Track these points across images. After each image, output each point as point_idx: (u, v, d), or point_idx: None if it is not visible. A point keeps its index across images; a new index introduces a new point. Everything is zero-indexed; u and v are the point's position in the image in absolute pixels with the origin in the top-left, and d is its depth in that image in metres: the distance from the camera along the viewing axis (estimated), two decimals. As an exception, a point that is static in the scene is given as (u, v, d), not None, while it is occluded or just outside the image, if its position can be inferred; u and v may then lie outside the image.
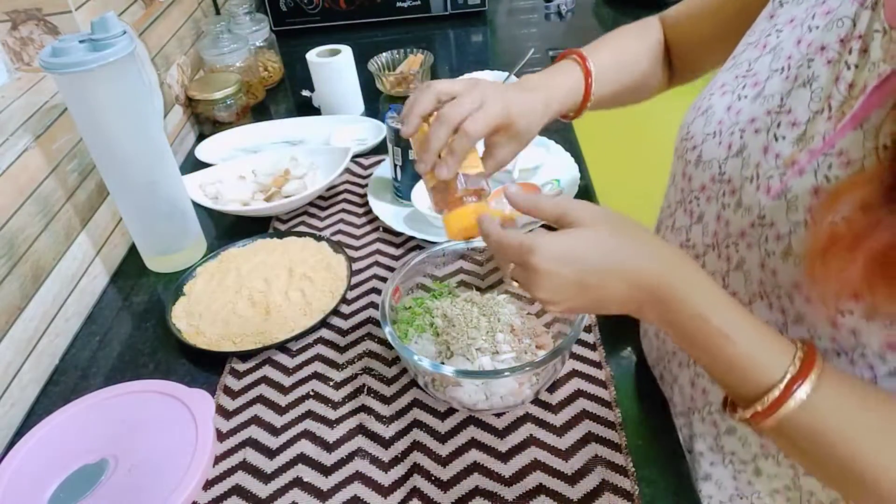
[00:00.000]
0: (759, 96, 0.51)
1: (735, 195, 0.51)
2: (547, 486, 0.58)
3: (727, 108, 0.54)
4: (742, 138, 0.51)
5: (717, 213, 0.53)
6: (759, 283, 0.49)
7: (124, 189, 0.81)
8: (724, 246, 0.53)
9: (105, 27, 0.70)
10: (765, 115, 0.50)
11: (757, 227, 0.49)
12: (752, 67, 0.54)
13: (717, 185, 0.53)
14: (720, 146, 0.53)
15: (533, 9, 1.57)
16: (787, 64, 0.50)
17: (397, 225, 0.88)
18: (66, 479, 0.60)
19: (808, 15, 0.51)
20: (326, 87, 1.15)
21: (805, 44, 0.49)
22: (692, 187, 0.56)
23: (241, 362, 0.73)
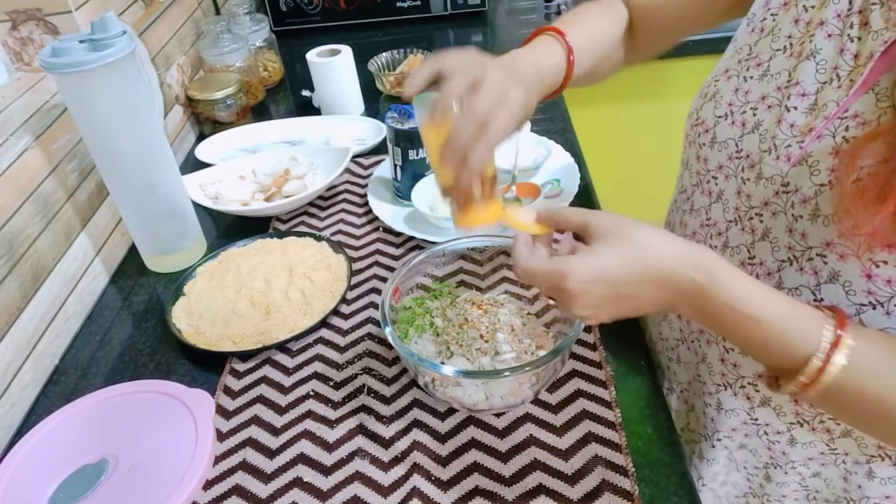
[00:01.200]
0: (765, 75, 0.54)
1: (755, 168, 0.53)
2: (547, 486, 0.58)
3: (734, 90, 0.56)
4: (755, 115, 0.53)
5: (736, 189, 0.55)
6: (787, 248, 0.51)
7: (124, 189, 0.81)
8: (747, 219, 0.55)
9: (105, 27, 0.70)
10: (775, 92, 0.52)
11: (781, 194, 0.51)
12: (753, 51, 0.56)
13: (734, 162, 0.55)
14: (733, 125, 0.55)
15: (533, 9, 1.57)
16: (789, 42, 0.53)
17: (397, 225, 0.88)
18: (66, 479, 0.60)
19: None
20: (326, 87, 1.16)
21: (803, 22, 0.52)
22: (708, 168, 0.58)
23: (241, 362, 0.73)
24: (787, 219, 0.51)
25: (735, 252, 0.57)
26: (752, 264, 0.55)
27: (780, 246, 0.52)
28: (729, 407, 0.63)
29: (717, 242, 0.59)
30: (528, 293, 0.73)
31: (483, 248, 0.73)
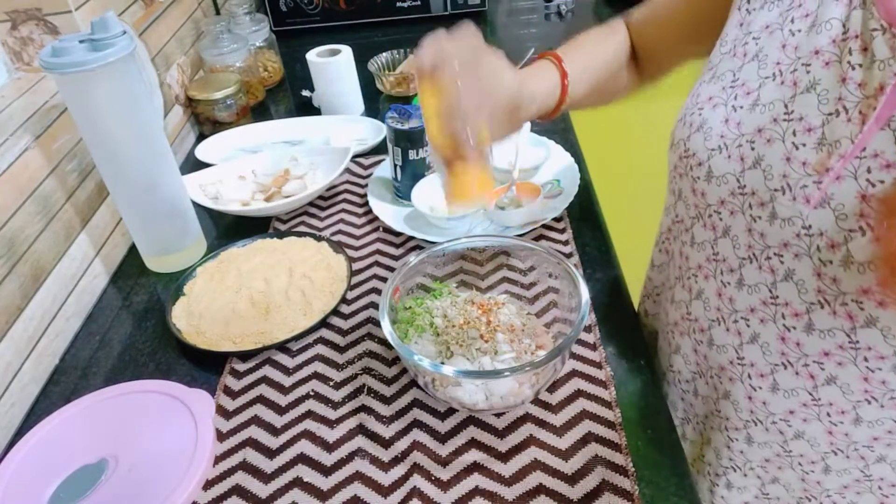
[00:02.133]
0: (756, 105, 0.51)
1: (766, 207, 0.50)
2: (547, 486, 0.58)
3: (724, 120, 0.53)
4: (754, 149, 0.51)
5: (746, 226, 0.53)
6: (816, 291, 0.49)
7: (124, 189, 0.81)
8: (764, 258, 0.52)
9: (105, 27, 0.70)
10: (772, 124, 0.50)
11: (803, 237, 0.48)
12: (738, 77, 0.54)
13: (738, 198, 0.53)
14: (730, 160, 0.52)
15: (533, 9, 1.57)
16: (778, 70, 0.50)
17: (397, 225, 0.88)
18: (66, 479, 0.60)
19: (784, 19, 0.51)
20: (326, 87, 1.15)
21: (791, 48, 0.50)
22: (708, 202, 0.56)
23: (241, 362, 0.73)
24: (813, 262, 0.48)
25: (754, 290, 0.54)
26: (776, 304, 0.53)
27: (808, 288, 0.49)
28: (760, 440, 0.61)
29: (730, 279, 0.56)
30: (528, 293, 0.73)
31: (483, 249, 0.73)
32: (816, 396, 0.54)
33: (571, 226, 0.87)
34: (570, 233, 0.86)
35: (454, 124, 0.54)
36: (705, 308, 0.60)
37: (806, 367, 0.53)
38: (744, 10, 0.55)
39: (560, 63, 0.66)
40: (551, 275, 0.69)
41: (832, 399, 0.53)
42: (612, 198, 1.18)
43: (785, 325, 0.52)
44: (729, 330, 0.58)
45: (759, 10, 0.54)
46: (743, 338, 0.57)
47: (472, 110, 0.54)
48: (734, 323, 0.57)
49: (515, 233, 0.84)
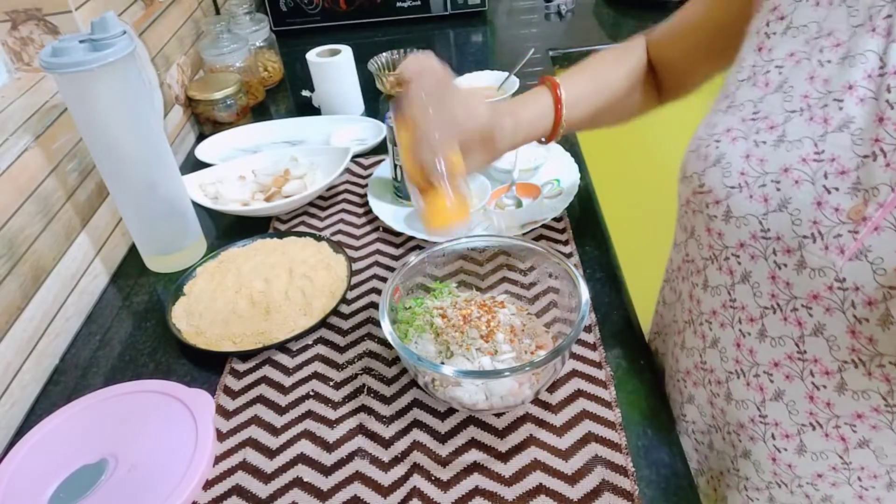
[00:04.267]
0: (781, 141, 0.47)
1: (793, 255, 0.46)
2: (547, 486, 0.58)
3: (745, 156, 0.49)
4: (779, 190, 0.47)
5: (770, 273, 0.49)
6: (850, 350, 0.45)
7: (124, 189, 0.81)
8: (789, 309, 0.48)
9: (105, 27, 0.70)
10: (800, 164, 0.46)
11: (836, 290, 0.44)
12: (759, 109, 0.50)
13: (760, 242, 0.49)
14: (752, 200, 0.48)
15: (533, 9, 1.57)
16: (806, 104, 0.47)
17: (397, 225, 0.88)
18: (66, 479, 0.60)
19: (812, 49, 0.48)
20: (326, 87, 1.16)
21: (820, 80, 0.46)
22: (725, 244, 0.52)
23: (241, 362, 0.73)
24: (846, 319, 0.44)
25: (778, 343, 0.50)
26: (803, 360, 0.49)
27: (841, 346, 0.46)
28: (784, 501, 0.58)
29: (750, 329, 0.52)
30: (528, 293, 0.73)
31: (483, 249, 0.73)
32: (847, 460, 0.50)
33: (571, 226, 0.87)
34: (570, 233, 0.86)
35: (422, 154, 0.57)
36: (722, 359, 0.56)
37: (837, 428, 0.49)
38: (762, 35, 0.52)
39: (555, 89, 0.67)
40: (551, 275, 0.69)
41: (864, 463, 0.50)
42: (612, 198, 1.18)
43: (814, 384, 0.49)
44: (750, 384, 0.54)
45: (781, 36, 0.50)
46: (766, 394, 0.53)
47: (438, 140, 0.56)
48: (755, 377, 0.53)
49: (515, 233, 0.84)
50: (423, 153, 0.57)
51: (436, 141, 0.57)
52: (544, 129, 0.68)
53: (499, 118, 0.63)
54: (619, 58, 0.73)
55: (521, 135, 0.66)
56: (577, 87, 0.68)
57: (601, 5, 1.56)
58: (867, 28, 0.44)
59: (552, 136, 0.69)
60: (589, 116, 0.70)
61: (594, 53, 0.73)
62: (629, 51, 0.73)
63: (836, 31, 0.46)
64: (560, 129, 0.68)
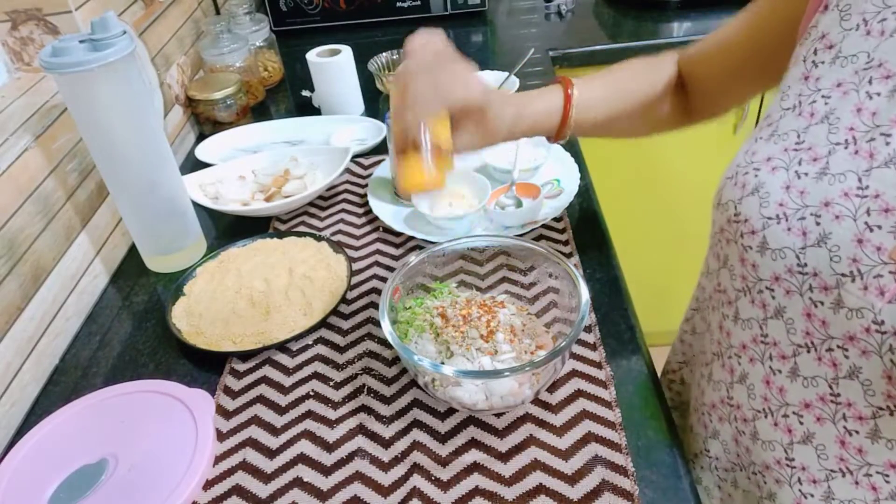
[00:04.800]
0: (824, 174, 0.46)
1: (830, 293, 0.44)
2: (547, 486, 0.58)
3: (785, 187, 0.47)
4: (819, 224, 0.45)
5: (804, 310, 0.47)
6: (886, 396, 0.44)
7: (124, 189, 0.81)
8: (824, 349, 0.46)
9: (105, 27, 0.70)
10: (842, 198, 0.44)
11: (874, 333, 0.42)
12: (803, 139, 0.48)
13: (796, 277, 0.47)
14: (790, 233, 0.46)
15: (533, 9, 1.57)
16: (852, 136, 0.45)
17: (397, 225, 0.88)
18: (66, 479, 0.60)
19: (861, 79, 0.46)
20: (326, 87, 1.16)
21: (868, 113, 0.45)
22: (759, 276, 0.50)
23: (241, 362, 0.73)
24: (883, 363, 0.42)
25: (811, 384, 0.48)
26: (836, 402, 0.47)
27: (876, 391, 0.44)
28: None
29: (780, 366, 0.50)
30: (528, 293, 0.73)
31: (483, 249, 0.73)
32: None
33: (571, 226, 0.87)
34: (570, 233, 0.86)
35: (405, 114, 0.58)
36: (750, 396, 0.55)
37: (868, 477, 0.47)
38: (809, 63, 0.50)
39: (567, 88, 0.66)
40: (551, 275, 0.69)
41: None
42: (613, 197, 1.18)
43: (846, 428, 0.47)
44: (778, 425, 0.52)
45: (830, 66, 0.48)
46: (794, 436, 0.51)
47: (423, 102, 0.57)
48: (784, 418, 0.51)
49: (515, 233, 0.84)
50: (406, 114, 0.57)
51: (421, 103, 0.57)
52: (550, 126, 0.67)
53: (499, 103, 0.62)
54: (645, 70, 0.71)
55: (522, 126, 0.66)
56: (592, 90, 0.67)
57: (601, 5, 1.56)
58: None
59: (559, 136, 0.69)
60: (601, 122, 0.69)
61: (622, 62, 0.72)
62: (657, 64, 0.72)
63: (886, 62, 0.45)
64: (567, 128, 0.67)
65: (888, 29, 0.45)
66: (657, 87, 0.70)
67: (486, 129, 0.62)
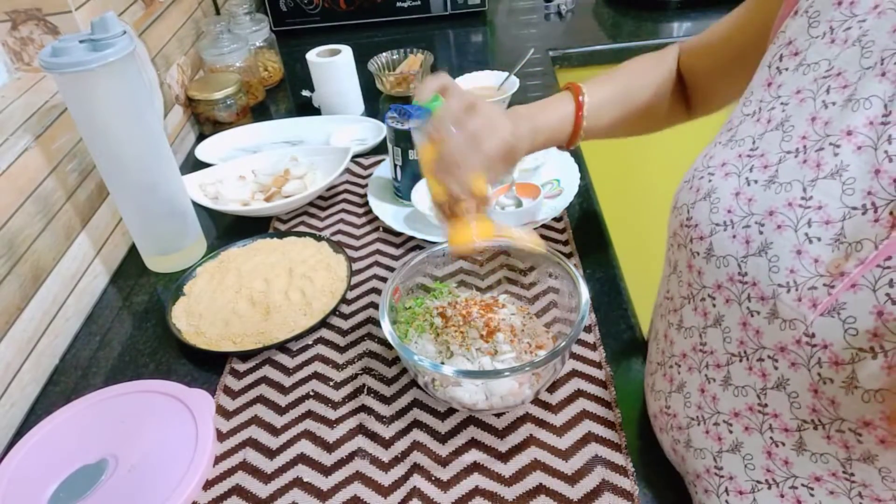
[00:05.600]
0: (772, 182, 0.45)
1: (766, 303, 0.44)
2: (547, 486, 0.58)
3: (735, 193, 0.47)
4: (762, 233, 0.44)
5: (741, 319, 0.46)
6: (811, 409, 0.43)
7: (124, 189, 0.81)
8: (755, 359, 0.46)
9: (105, 27, 0.70)
10: (786, 208, 0.43)
11: (804, 345, 0.41)
12: (758, 146, 0.48)
13: (737, 286, 0.46)
14: (735, 240, 0.46)
15: (533, 9, 1.57)
16: (803, 145, 0.44)
17: (397, 225, 0.88)
18: (66, 479, 0.60)
19: (819, 88, 0.45)
20: (326, 87, 1.16)
21: (821, 123, 0.44)
22: (703, 283, 0.49)
23: (241, 362, 0.73)
24: (810, 376, 0.42)
25: (741, 393, 0.48)
26: (763, 413, 0.46)
27: (802, 404, 0.43)
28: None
29: (715, 375, 0.50)
30: (528, 293, 0.73)
31: (483, 249, 0.73)
32: None
33: (571, 226, 0.87)
34: (570, 233, 0.86)
35: (449, 185, 0.58)
36: (686, 404, 0.54)
37: (793, 489, 0.46)
38: (773, 69, 0.49)
39: (577, 95, 0.67)
40: (551, 275, 0.69)
41: None
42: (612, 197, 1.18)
43: (773, 439, 0.46)
44: (709, 433, 0.52)
45: (793, 73, 0.47)
46: (723, 444, 0.50)
47: (465, 169, 0.57)
48: (715, 426, 0.51)
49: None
50: (450, 184, 0.58)
51: (463, 171, 0.57)
52: (564, 135, 0.68)
53: (518, 126, 0.63)
54: (650, 66, 0.72)
55: (539, 140, 0.67)
56: (601, 93, 0.68)
57: (601, 5, 1.56)
58: (877, 71, 0.42)
59: (571, 143, 0.69)
60: (612, 124, 0.69)
61: (628, 60, 0.72)
62: (660, 59, 0.72)
63: (845, 71, 0.44)
64: (580, 135, 0.68)
65: (851, 38, 0.44)
66: (661, 84, 0.71)
67: (511, 156, 0.64)
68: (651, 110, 0.72)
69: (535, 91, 1.22)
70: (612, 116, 0.69)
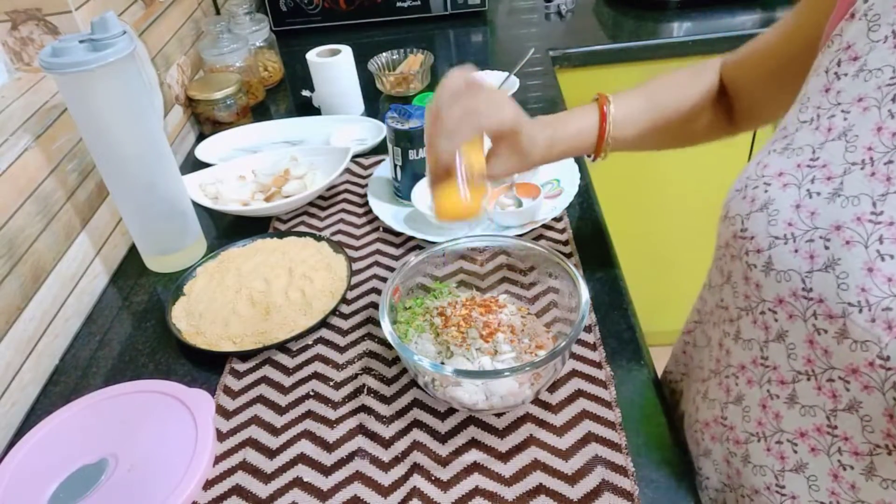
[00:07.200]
0: (837, 195, 0.43)
1: (835, 322, 0.42)
2: (547, 486, 0.58)
3: (795, 205, 0.45)
4: (828, 248, 0.43)
5: (807, 337, 0.45)
6: (885, 434, 0.42)
7: (124, 189, 0.81)
8: (825, 379, 0.44)
9: (105, 27, 0.70)
10: (854, 223, 0.42)
11: (878, 368, 0.40)
12: (818, 156, 0.46)
13: (801, 301, 0.45)
14: (797, 255, 0.44)
15: (533, 9, 1.57)
16: (869, 157, 0.43)
17: (397, 225, 0.88)
18: (66, 479, 0.60)
19: (883, 96, 0.43)
20: (326, 87, 1.16)
21: (888, 133, 0.42)
22: (763, 297, 0.48)
23: (241, 362, 0.73)
24: (885, 400, 0.40)
25: (808, 412, 0.46)
26: (833, 435, 0.45)
27: (875, 428, 0.42)
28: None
29: (779, 392, 0.48)
30: (528, 293, 0.73)
31: (483, 248, 0.73)
32: None
33: (571, 226, 0.87)
34: (570, 233, 0.86)
35: (438, 142, 0.58)
36: (744, 418, 0.53)
37: None
38: (832, 75, 0.47)
39: (602, 105, 0.66)
40: (551, 275, 0.69)
41: None
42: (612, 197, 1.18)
43: (841, 462, 0.45)
44: (770, 450, 0.50)
45: (853, 79, 0.46)
46: (786, 463, 0.49)
47: (457, 129, 0.57)
48: (777, 444, 0.50)
49: (515, 233, 0.84)
50: (440, 142, 0.58)
51: (454, 130, 0.57)
52: (587, 146, 0.67)
53: (532, 126, 0.63)
54: (686, 80, 0.70)
55: (558, 149, 0.66)
56: (629, 105, 0.67)
57: (601, 5, 1.56)
58: None
59: (598, 153, 0.68)
60: (640, 136, 0.68)
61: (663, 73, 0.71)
62: (700, 73, 0.70)
63: None
64: (605, 146, 0.67)
65: None
66: (700, 98, 0.69)
67: (520, 153, 0.63)
68: (686, 124, 0.70)
69: (535, 91, 1.22)
70: (641, 129, 0.68)
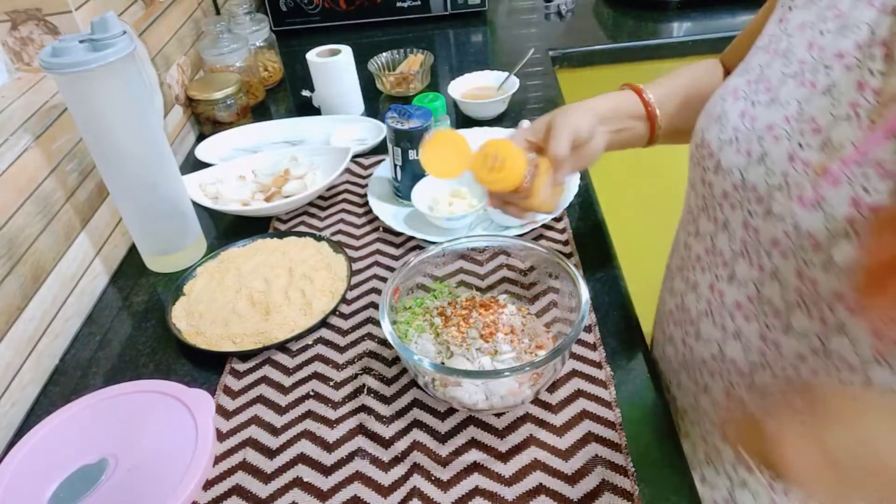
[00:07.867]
0: (773, 102, 0.51)
1: (762, 203, 0.50)
2: (547, 486, 0.58)
3: (741, 113, 0.54)
4: (762, 146, 0.50)
5: (743, 221, 0.53)
6: (796, 291, 0.49)
7: (124, 189, 0.81)
8: (754, 254, 0.52)
9: (105, 27, 0.70)
10: (783, 122, 0.49)
11: (792, 236, 0.48)
12: (764, 73, 0.54)
13: (739, 192, 0.53)
14: (738, 153, 0.53)
15: (533, 9, 1.57)
16: (801, 69, 0.50)
17: (397, 225, 0.88)
18: (66, 479, 0.60)
19: (818, 19, 0.50)
20: (326, 87, 1.16)
21: (817, 48, 0.49)
22: (713, 193, 0.56)
23: (241, 362, 0.73)
24: (796, 262, 0.48)
25: (742, 286, 0.54)
26: (759, 301, 0.53)
27: (790, 288, 0.49)
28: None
29: (722, 273, 0.57)
30: (528, 293, 0.73)
31: (483, 249, 0.73)
32: None
33: (571, 226, 0.87)
34: (570, 233, 0.86)
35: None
36: (697, 300, 0.61)
37: (783, 370, 0.52)
38: (786, 7, 0.55)
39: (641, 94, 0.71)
40: (551, 275, 0.69)
41: None
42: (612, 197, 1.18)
43: (766, 324, 0.53)
44: (715, 323, 0.59)
45: (801, 9, 0.53)
46: (727, 333, 0.57)
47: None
48: (720, 317, 0.58)
49: (515, 233, 0.84)
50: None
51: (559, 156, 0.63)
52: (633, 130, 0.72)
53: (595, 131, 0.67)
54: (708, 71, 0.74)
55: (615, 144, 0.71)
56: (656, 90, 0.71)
57: (601, 5, 1.56)
58: (865, 1, 0.47)
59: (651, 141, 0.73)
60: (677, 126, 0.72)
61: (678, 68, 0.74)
62: (711, 68, 0.74)
63: (840, 2, 0.49)
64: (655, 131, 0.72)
65: None
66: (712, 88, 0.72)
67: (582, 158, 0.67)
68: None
69: (536, 91, 1.22)
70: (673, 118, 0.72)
